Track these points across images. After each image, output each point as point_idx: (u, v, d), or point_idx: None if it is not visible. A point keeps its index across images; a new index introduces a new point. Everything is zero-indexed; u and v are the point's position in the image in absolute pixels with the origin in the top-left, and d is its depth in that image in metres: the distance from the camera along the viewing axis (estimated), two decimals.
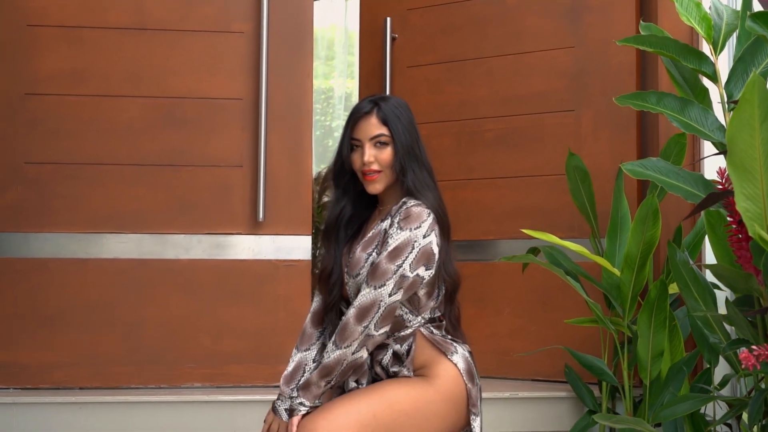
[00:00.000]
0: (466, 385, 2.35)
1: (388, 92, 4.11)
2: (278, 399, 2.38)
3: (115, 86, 3.59)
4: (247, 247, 3.59)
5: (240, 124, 3.62)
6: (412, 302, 2.37)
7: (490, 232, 3.90)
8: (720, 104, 2.74)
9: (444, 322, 2.45)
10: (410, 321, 2.38)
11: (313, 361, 2.45)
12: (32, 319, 3.51)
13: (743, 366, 2.12)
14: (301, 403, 2.29)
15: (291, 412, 2.31)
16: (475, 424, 2.36)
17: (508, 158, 3.89)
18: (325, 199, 6.62)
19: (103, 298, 3.54)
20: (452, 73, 4.04)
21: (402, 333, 2.38)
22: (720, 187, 2.45)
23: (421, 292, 2.37)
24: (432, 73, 4.09)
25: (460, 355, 2.38)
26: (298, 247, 3.60)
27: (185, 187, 3.60)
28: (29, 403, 3.32)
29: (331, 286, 2.47)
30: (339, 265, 2.46)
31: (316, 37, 5.47)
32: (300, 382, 2.34)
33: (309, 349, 2.47)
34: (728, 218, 2.44)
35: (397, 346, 2.38)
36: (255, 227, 3.60)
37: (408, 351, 2.37)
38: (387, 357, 2.38)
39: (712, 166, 3.28)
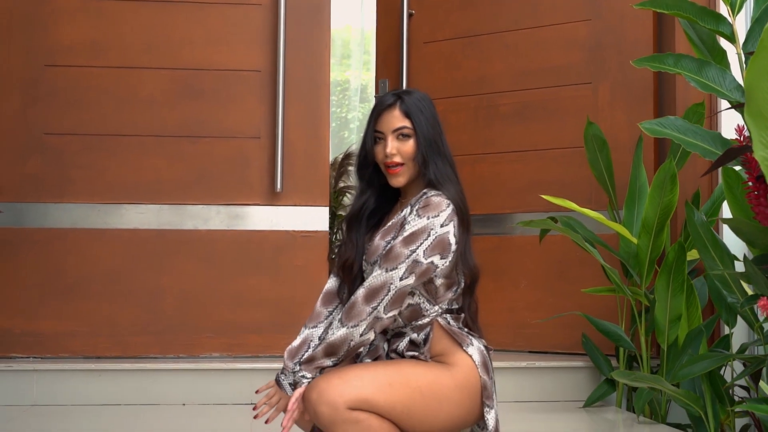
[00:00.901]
0: (481, 377, 2.33)
1: (404, 68, 4.11)
2: (281, 373, 2.34)
3: (133, 58, 3.62)
4: (264, 217, 3.61)
5: (257, 95, 3.64)
6: (430, 291, 2.36)
7: (506, 206, 3.91)
8: (738, 66, 2.74)
9: (463, 315, 2.43)
10: (428, 310, 2.37)
11: (319, 338, 2.43)
12: (52, 289, 3.54)
13: (762, 314, 2.11)
14: (303, 376, 2.29)
15: (294, 385, 2.31)
16: (489, 416, 2.31)
17: (524, 132, 3.89)
18: (341, 184, 6.64)
19: (121, 269, 3.57)
20: (469, 48, 4.04)
21: (420, 322, 2.37)
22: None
23: (439, 282, 2.35)
24: (448, 48, 4.09)
25: (475, 347, 2.36)
26: (316, 217, 3.62)
27: (203, 158, 3.62)
28: (49, 370, 3.34)
29: (353, 277, 2.47)
30: (361, 256, 2.46)
31: (332, 38, 5.48)
32: (303, 357, 2.33)
33: (316, 326, 2.45)
34: (746, 175, 2.44)
35: (414, 335, 2.36)
36: (273, 198, 3.62)
37: (425, 340, 2.36)
38: (403, 344, 2.38)
39: (730, 127, 3.28)
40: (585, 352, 3.50)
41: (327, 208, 3.64)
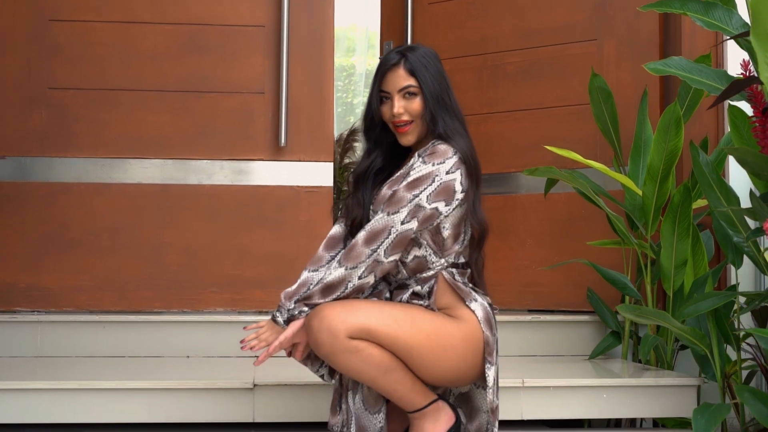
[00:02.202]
0: (484, 332, 2.32)
1: (409, 29, 4.11)
2: (277, 311, 2.33)
3: (138, 13, 3.62)
4: (269, 173, 3.60)
5: (261, 50, 3.63)
6: (437, 242, 2.35)
7: (512, 165, 3.89)
8: (745, 6, 2.72)
9: (468, 270, 2.42)
10: (433, 263, 2.36)
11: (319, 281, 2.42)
12: (56, 243, 3.53)
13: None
14: (300, 312, 2.28)
15: (289, 321, 2.29)
16: (490, 373, 2.30)
17: (530, 90, 3.87)
18: (347, 160, 6.63)
19: (126, 223, 3.57)
20: (473, 8, 4.03)
21: (424, 274, 2.36)
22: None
23: (447, 234, 2.34)
24: (453, 8, 4.08)
25: (479, 303, 2.34)
26: (320, 173, 3.61)
27: (207, 113, 3.62)
28: (53, 322, 3.35)
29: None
30: (368, 212, 2.45)
31: (337, 37, 5.45)
32: (300, 296, 2.32)
33: (317, 270, 2.43)
34: (751, 109, 2.43)
35: (418, 288, 2.35)
36: (277, 153, 3.61)
37: (429, 293, 2.35)
38: (406, 296, 2.36)
39: (735, 68, 3.25)
40: (591, 310, 3.49)
41: (331, 164, 3.63)
